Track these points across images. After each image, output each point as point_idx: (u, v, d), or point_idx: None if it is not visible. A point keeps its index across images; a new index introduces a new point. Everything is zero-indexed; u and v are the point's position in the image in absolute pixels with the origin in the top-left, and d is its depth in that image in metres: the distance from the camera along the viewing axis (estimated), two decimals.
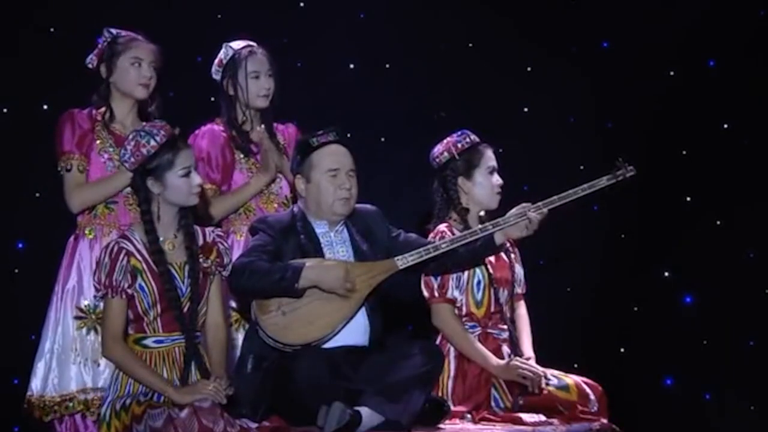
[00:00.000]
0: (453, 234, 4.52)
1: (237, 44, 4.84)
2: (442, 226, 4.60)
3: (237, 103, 4.82)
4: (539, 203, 4.43)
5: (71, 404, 4.45)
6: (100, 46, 4.64)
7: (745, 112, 6.06)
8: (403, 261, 4.30)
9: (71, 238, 4.61)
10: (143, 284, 4.04)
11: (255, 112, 4.85)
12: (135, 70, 4.61)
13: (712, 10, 6.02)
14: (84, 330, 4.50)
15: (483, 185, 4.67)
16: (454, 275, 4.57)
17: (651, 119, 6.04)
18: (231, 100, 4.82)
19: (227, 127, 4.81)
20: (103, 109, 4.64)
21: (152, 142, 4.06)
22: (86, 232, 4.57)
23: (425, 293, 4.59)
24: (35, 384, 4.50)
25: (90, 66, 4.66)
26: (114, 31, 4.65)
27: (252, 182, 4.76)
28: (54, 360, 4.49)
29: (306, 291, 4.17)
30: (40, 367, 4.51)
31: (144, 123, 4.60)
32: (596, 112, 6.13)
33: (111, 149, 4.58)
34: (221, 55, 4.84)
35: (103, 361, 4.45)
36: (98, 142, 4.58)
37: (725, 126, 6.12)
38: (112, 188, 4.52)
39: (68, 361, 4.48)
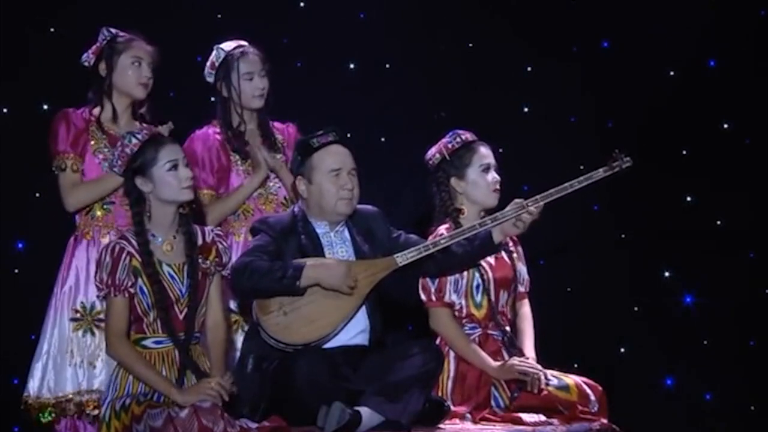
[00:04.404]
0: None
1: (228, 45, 4.83)
2: (442, 228, 4.58)
3: (231, 104, 4.81)
4: (536, 196, 4.42)
5: (67, 406, 4.44)
6: (98, 44, 4.64)
7: (746, 111, 6.06)
8: (403, 258, 4.30)
9: (71, 240, 4.62)
10: (143, 285, 4.04)
11: (251, 112, 4.85)
12: (135, 69, 4.61)
13: (712, 10, 6.02)
14: (80, 332, 4.49)
15: (477, 183, 4.63)
16: (452, 279, 4.55)
17: (651, 119, 6.04)
18: (225, 102, 4.82)
19: (223, 130, 4.81)
20: (97, 109, 4.63)
21: (134, 140, 4.09)
22: (85, 233, 4.57)
23: (423, 297, 4.57)
24: (32, 385, 4.51)
25: (86, 64, 4.66)
26: (113, 30, 4.65)
27: (245, 184, 4.76)
28: (50, 361, 4.49)
29: (307, 290, 4.17)
30: (37, 368, 4.51)
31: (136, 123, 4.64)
32: (596, 112, 6.13)
33: (106, 150, 4.58)
34: (213, 57, 4.84)
35: (99, 363, 4.46)
36: (93, 142, 4.58)
37: (725, 126, 6.12)
38: (106, 187, 4.52)
39: (64, 363, 4.48)
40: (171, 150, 4.10)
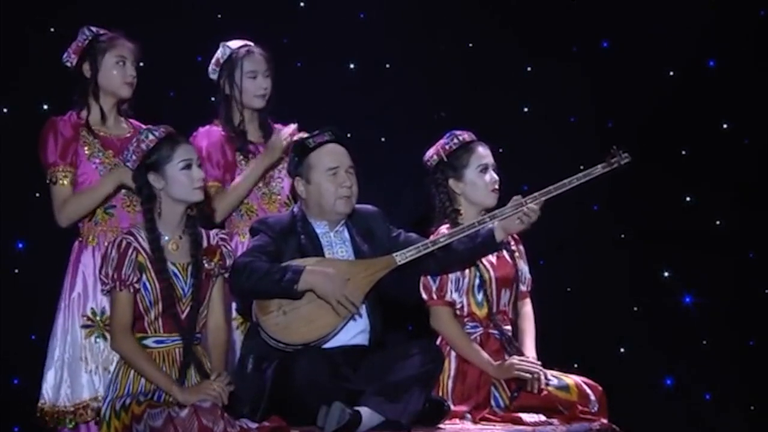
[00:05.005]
0: None
1: (234, 44, 4.84)
2: (443, 228, 4.58)
3: (233, 103, 4.82)
4: (535, 194, 4.41)
5: (84, 413, 4.42)
6: (79, 44, 4.60)
7: (745, 112, 6.06)
8: (402, 257, 4.30)
9: (75, 245, 4.58)
10: (147, 282, 4.05)
11: (252, 112, 4.85)
12: (120, 69, 4.58)
13: (712, 10, 6.03)
14: (93, 338, 4.47)
15: (476, 184, 4.61)
16: (454, 277, 4.54)
17: (651, 119, 6.04)
18: (228, 100, 4.82)
19: (225, 128, 4.81)
20: (84, 112, 4.59)
21: (151, 137, 4.10)
22: (89, 239, 4.55)
23: (423, 295, 4.56)
24: (47, 392, 4.46)
25: (69, 65, 4.62)
26: (93, 29, 4.61)
27: (251, 165, 4.73)
28: (65, 369, 4.45)
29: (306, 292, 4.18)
30: (50, 376, 4.46)
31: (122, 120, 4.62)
32: (596, 112, 6.13)
33: (100, 154, 4.55)
34: (218, 54, 4.84)
35: (113, 368, 4.42)
36: (86, 149, 4.54)
37: (725, 126, 6.12)
38: (95, 198, 4.47)
39: (79, 370, 4.44)
40: (186, 149, 4.12)
